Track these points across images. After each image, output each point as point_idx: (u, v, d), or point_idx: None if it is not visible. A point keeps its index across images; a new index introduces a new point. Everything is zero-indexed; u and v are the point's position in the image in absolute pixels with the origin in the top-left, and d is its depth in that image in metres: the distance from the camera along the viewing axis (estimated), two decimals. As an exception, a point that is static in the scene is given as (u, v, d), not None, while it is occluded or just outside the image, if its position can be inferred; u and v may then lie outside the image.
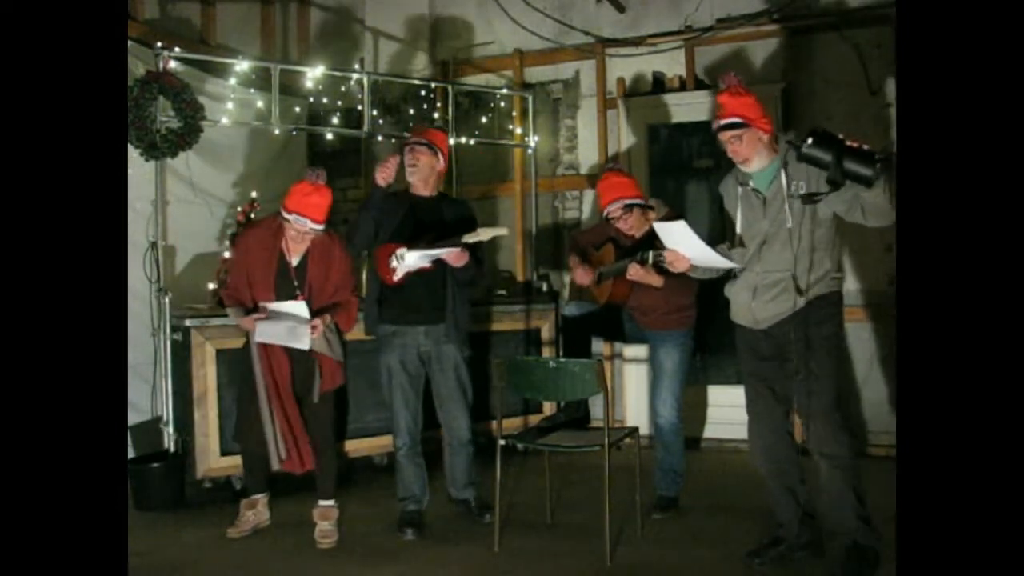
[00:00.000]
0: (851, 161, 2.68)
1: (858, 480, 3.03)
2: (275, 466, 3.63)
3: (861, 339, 4.91)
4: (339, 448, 4.50)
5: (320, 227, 3.58)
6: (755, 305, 3.11)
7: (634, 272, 3.69)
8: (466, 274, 3.69)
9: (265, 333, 3.55)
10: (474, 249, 3.65)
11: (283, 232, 3.63)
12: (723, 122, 3.03)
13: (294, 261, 3.66)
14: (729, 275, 3.26)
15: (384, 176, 3.64)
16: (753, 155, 3.04)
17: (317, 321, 3.57)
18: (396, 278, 3.60)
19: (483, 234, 3.61)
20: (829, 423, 3.01)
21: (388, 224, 3.71)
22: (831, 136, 2.75)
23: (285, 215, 3.55)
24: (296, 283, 3.64)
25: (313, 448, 3.68)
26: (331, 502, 3.74)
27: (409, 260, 3.54)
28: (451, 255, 3.55)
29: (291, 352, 3.61)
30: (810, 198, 2.89)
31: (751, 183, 3.10)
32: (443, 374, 3.80)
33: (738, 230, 3.16)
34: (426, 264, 3.58)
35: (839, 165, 2.68)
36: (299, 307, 3.57)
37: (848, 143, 2.72)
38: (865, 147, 2.72)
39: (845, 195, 2.82)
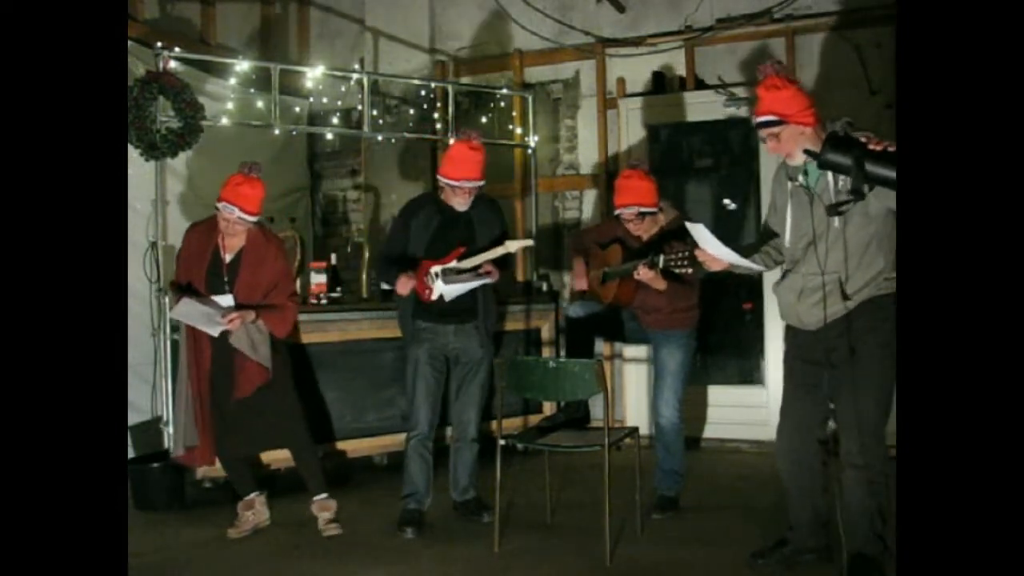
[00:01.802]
0: (875, 165, 2.51)
1: (885, 497, 2.92)
2: (178, 452, 3.73)
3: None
4: (331, 447, 4.52)
5: (248, 217, 3.63)
6: (800, 308, 3.00)
7: (643, 274, 3.68)
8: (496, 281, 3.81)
9: (181, 312, 3.59)
10: (503, 259, 3.77)
11: (219, 228, 3.70)
12: (758, 120, 2.90)
13: (227, 258, 3.72)
14: (781, 273, 3.15)
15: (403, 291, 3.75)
16: (795, 149, 2.88)
17: (235, 314, 3.57)
18: (433, 297, 3.70)
19: (511, 246, 3.75)
20: (866, 434, 2.89)
21: (419, 236, 3.79)
22: (850, 140, 2.61)
23: (217, 204, 3.64)
24: (226, 279, 3.68)
25: (291, 451, 3.80)
26: (325, 495, 3.76)
27: (448, 291, 3.66)
28: (487, 278, 3.69)
29: (215, 347, 3.65)
30: (835, 209, 2.77)
31: (800, 179, 2.97)
32: (465, 370, 3.86)
33: (788, 228, 3.03)
34: (464, 287, 3.69)
35: (861, 170, 2.52)
36: (225, 300, 3.64)
37: (871, 146, 2.56)
38: (891, 148, 2.54)
39: (893, 192, 2.63)
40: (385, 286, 4.99)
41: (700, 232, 3.08)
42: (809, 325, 3.00)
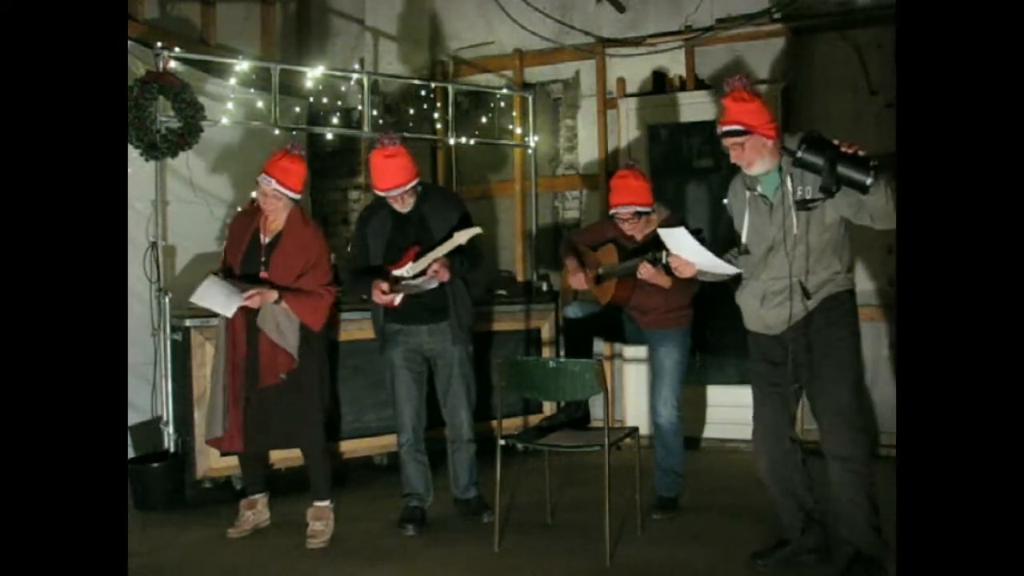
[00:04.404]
0: (845, 167, 2.67)
1: (872, 485, 2.97)
2: (217, 433, 3.64)
3: (866, 340, 4.89)
4: (334, 448, 4.50)
5: (284, 190, 3.62)
6: (764, 312, 3.07)
7: (646, 272, 3.68)
8: (460, 271, 3.74)
9: (201, 293, 3.55)
10: (460, 249, 3.68)
11: (261, 211, 3.71)
12: (724, 129, 2.99)
13: (266, 239, 3.71)
14: (738, 280, 3.20)
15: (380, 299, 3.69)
16: (756, 160, 2.98)
17: (255, 291, 3.52)
18: (396, 303, 3.67)
19: (459, 238, 3.67)
20: (844, 425, 2.97)
21: (375, 243, 3.78)
22: (824, 141, 2.74)
23: (257, 179, 3.67)
24: (263, 259, 3.66)
25: (303, 453, 3.76)
26: (326, 503, 3.72)
27: (399, 296, 3.64)
28: (435, 279, 3.61)
29: (249, 333, 3.61)
30: (805, 205, 2.87)
31: (758, 188, 3.05)
32: (446, 371, 3.84)
33: (744, 235, 3.10)
34: (416, 290, 3.65)
35: (832, 171, 2.67)
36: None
37: (842, 148, 2.70)
38: (860, 152, 2.70)
39: (850, 198, 2.79)
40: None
41: (674, 237, 3.12)
42: (774, 328, 3.08)
